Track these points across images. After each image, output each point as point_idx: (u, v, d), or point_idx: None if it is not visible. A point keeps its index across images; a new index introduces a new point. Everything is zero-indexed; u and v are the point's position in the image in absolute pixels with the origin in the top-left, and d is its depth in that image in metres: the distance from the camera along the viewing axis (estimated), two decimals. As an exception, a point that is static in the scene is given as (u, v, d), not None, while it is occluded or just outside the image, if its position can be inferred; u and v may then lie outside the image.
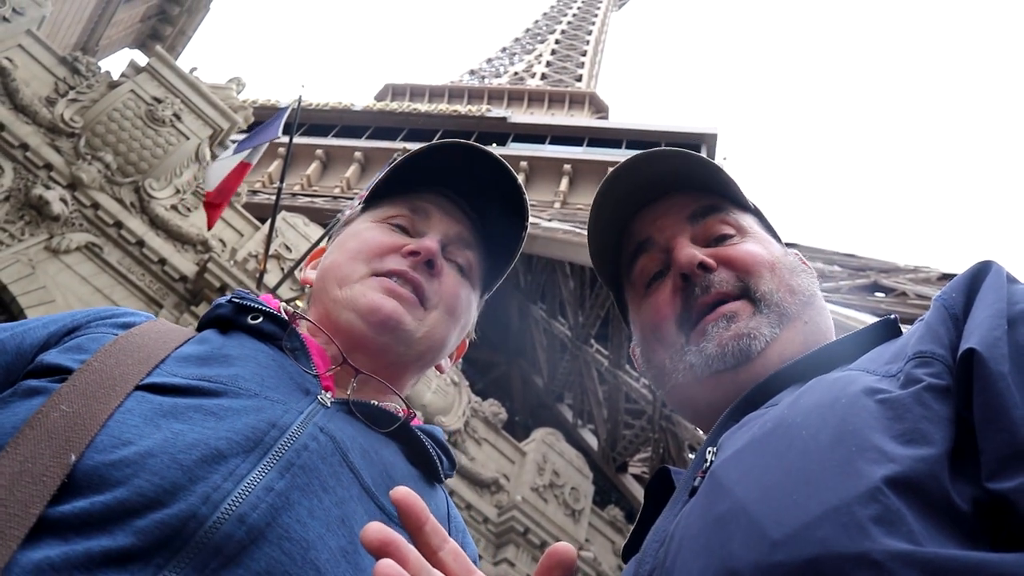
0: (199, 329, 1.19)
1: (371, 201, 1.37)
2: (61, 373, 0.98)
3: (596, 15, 73.38)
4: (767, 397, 0.95)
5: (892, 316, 1.02)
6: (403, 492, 0.75)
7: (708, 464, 0.91)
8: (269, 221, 13.16)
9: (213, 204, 11.41)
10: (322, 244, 1.44)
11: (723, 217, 1.20)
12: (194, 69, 14.47)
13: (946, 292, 0.87)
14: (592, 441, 41.10)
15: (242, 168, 11.23)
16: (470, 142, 1.30)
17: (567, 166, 41.58)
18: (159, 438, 0.89)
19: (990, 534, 0.66)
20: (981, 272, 0.87)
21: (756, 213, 1.28)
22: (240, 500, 0.87)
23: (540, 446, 18.04)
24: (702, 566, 0.75)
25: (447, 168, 1.32)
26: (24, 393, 0.95)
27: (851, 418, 0.76)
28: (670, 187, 1.23)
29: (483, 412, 17.61)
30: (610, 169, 1.26)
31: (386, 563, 0.69)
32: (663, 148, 1.21)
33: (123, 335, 1.06)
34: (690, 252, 1.13)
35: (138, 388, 0.97)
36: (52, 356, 1.02)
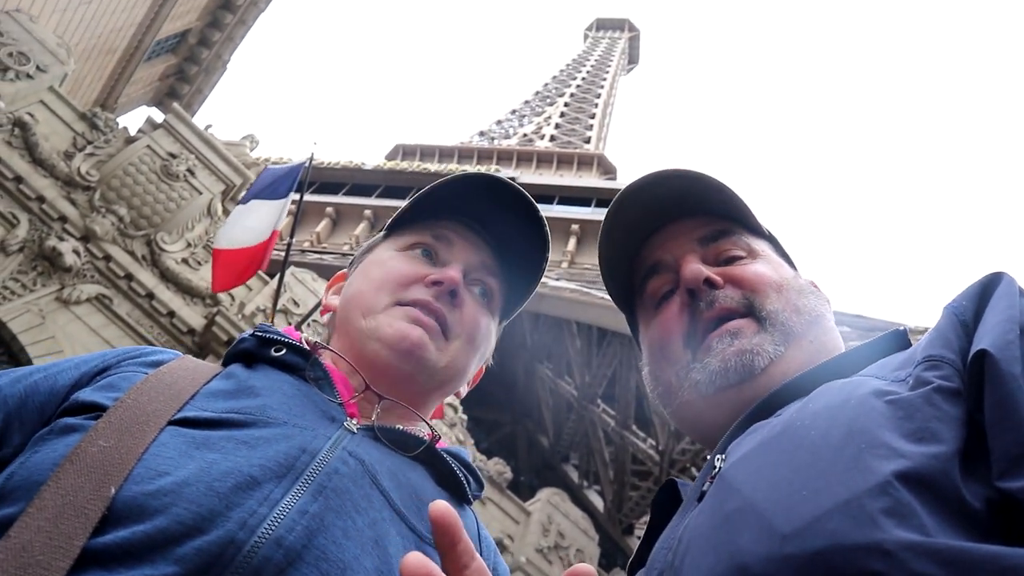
0: (224, 364, 1.21)
1: (394, 228, 1.39)
2: (95, 411, 1.00)
3: (605, 79, 74.77)
4: (775, 408, 0.95)
5: (902, 327, 1.03)
6: (443, 508, 0.73)
7: (716, 470, 0.91)
8: (278, 276, 13.21)
9: (239, 270, 11.26)
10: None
11: (734, 240, 1.21)
12: (209, 126, 14.71)
13: (956, 300, 0.88)
14: (598, 502, 40.48)
15: (272, 236, 11.33)
16: (490, 173, 1.33)
17: (575, 226, 41.90)
18: (194, 468, 0.91)
19: (1002, 534, 0.65)
20: (993, 282, 0.87)
21: (769, 238, 1.28)
22: (276, 524, 0.88)
23: (545, 507, 17.74)
24: (711, 563, 0.75)
25: (469, 197, 1.34)
26: (61, 431, 0.98)
27: (860, 418, 0.76)
28: (682, 211, 1.24)
29: (488, 471, 17.36)
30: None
31: None
32: (672, 168, 1.22)
33: (153, 373, 1.09)
34: (696, 268, 1.14)
35: (171, 423, 0.99)
36: (86, 394, 1.05)
